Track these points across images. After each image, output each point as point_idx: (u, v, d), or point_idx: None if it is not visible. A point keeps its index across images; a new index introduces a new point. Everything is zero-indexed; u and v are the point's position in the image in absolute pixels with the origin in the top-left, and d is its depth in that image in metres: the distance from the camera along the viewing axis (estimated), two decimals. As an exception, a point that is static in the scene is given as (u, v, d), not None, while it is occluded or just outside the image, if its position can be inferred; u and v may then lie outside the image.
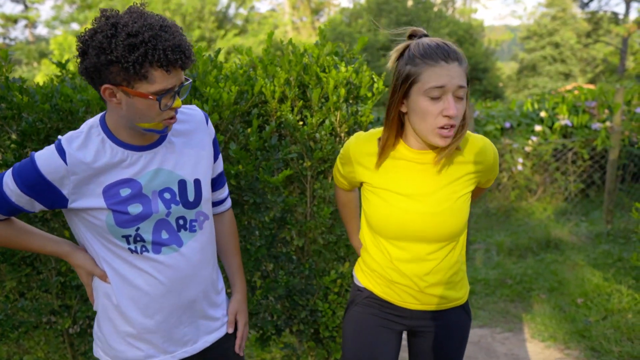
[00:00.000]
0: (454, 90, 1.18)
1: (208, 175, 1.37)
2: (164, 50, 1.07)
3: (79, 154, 1.17)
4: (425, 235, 1.31)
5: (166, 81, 1.11)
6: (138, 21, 1.08)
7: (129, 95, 1.12)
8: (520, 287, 3.98)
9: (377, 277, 1.43)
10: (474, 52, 21.61)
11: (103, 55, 1.06)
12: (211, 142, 1.40)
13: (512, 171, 6.34)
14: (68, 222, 1.30)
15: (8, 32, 29.38)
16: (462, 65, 1.20)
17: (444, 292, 1.38)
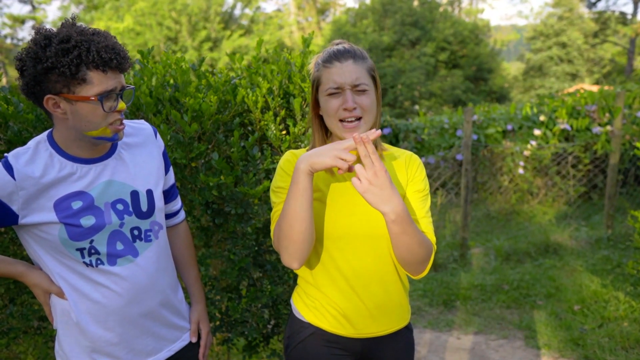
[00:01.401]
0: (351, 86, 1.25)
1: (160, 186, 1.39)
2: (97, 52, 1.11)
3: (27, 169, 1.18)
4: (361, 236, 1.31)
5: (105, 82, 1.14)
6: (69, 29, 1.13)
7: (72, 102, 1.14)
8: (517, 293, 3.95)
9: (323, 309, 1.37)
10: (479, 52, 21.53)
11: (39, 65, 1.10)
12: (161, 154, 1.42)
13: (513, 175, 6.31)
14: (21, 240, 1.30)
15: (16, 33, 29.61)
16: (357, 61, 1.27)
17: (384, 316, 1.36)
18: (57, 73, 1.10)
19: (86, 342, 1.31)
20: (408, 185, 1.36)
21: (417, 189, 1.35)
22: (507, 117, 6.61)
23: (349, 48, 1.29)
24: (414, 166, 1.37)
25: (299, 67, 1.82)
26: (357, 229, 1.30)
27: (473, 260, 4.83)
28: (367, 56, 1.31)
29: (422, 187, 1.36)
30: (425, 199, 1.37)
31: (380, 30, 21.92)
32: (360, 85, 1.26)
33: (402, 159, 1.38)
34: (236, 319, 2.07)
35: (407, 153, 1.40)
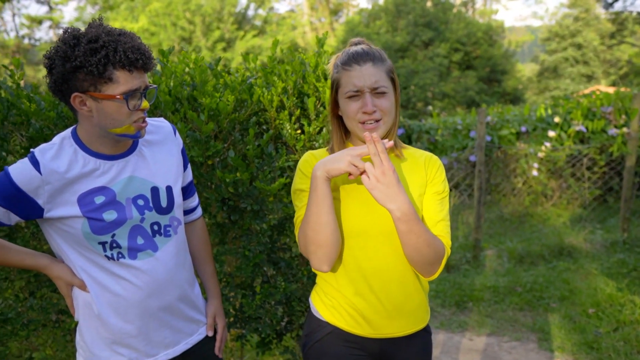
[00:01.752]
0: (370, 89, 1.27)
1: (179, 182, 1.43)
2: (124, 52, 1.15)
3: (53, 164, 1.22)
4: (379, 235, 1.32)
5: (131, 82, 1.18)
6: (97, 30, 1.16)
7: (98, 100, 1.18)
8: (530, 295, 3.93)
9: (341, 309, 1.38)
10: (493, 53, 21.38)
11: (68, 63, 1.14)
12: (180, 151, 1.45)
13: (527, 176, 6.26)
14: (45, 234, 1.33)
15: (33, 33, 30.09)
16: (376, 64, 1.28)
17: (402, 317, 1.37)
18: (84, 72, 1.14)
19: (106, 334, 1.34)
20: (427, 186, 1.36)
21: (436, 190, 1.35)
22: (521, 119, 6.57)
23: (368, 50, 1.30)
24: (433, 167, 1.37)
25: (313, 67, 1.84)
26: (376, 226, 1.31)
27: (486, 262, 4.81)
28: (386, 57, 1.32)
29: (442, 188, 1.36)
30: (444, 201, 1.37)
31: (394, 31, 21.88)
32: (379, 88, 1.27)
33: (421, 159, 1.39)
34: (250, 316, 2.09)
35: (427, 154, 1.41)
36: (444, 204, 1.36)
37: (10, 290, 2.20)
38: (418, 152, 1.41)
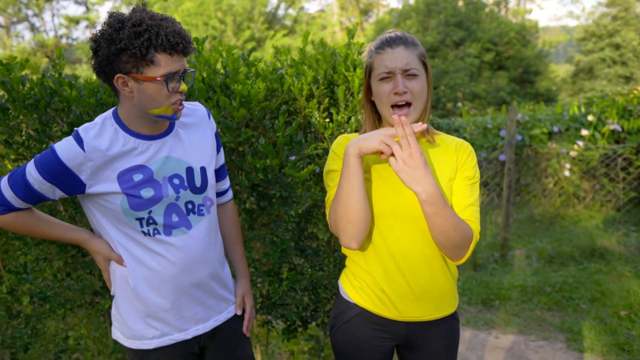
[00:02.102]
0: (402, 70, 1.29)
1: (212, 164, 1.48)
2: (166, 36, 1.20)
3: (95, 142, 1.28)
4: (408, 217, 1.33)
5: (171, 65, 1.23)
6: (141, 14, 1.22)
7: (139, 81, 1.23)
8: (559, 295, 3.86)
9: (369, 290, 1.41)
10: (526, 53, 20.95)
11: (113, 46, 1.19)
12: (213, 135, 1.51)
13: (559, 177, 6.13)
14: (85, 210, 1.40)
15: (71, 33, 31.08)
16: (408, 47, 1.31)
17: (430, 301, 1.38)
18: (128, 54, 1.19)
19: (141, 307, 1.40)
20: (457, 171, 1.37)
21: (467, 175, 1.37)
22: (553, 118, 6.43)
23: (400, 35, 1.33)
24: (465, 153, 1.38)
25: (343, 58, 1.87)
26: (405, 208, 1.33)
27: (514, 262, 4.74)
28: (419, 43, 1.34)
29: (472, 174, 1.37)
30: (474, 187, 1.38)
31: (424, 30, 21.67)
32: (410, 70, 1.29)
33: (452, 144, 1.40)
34: (276, 302, 2.13)
35: (458, 140, 1.42)
36: (473, 190, 1.37)
37: (49, 270, 2.30)
38: (449, 137, 1.43)
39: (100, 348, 2.60)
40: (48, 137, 2.01)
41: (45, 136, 2.00)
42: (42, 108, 1.95)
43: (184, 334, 1.45)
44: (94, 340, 2.55)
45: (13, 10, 29.22)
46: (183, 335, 1.45)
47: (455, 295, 1.45)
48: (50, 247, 2.28)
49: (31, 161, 1.30)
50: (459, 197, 1.36)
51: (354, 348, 1.45)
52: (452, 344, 1.47)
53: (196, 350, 1.52)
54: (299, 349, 2.85)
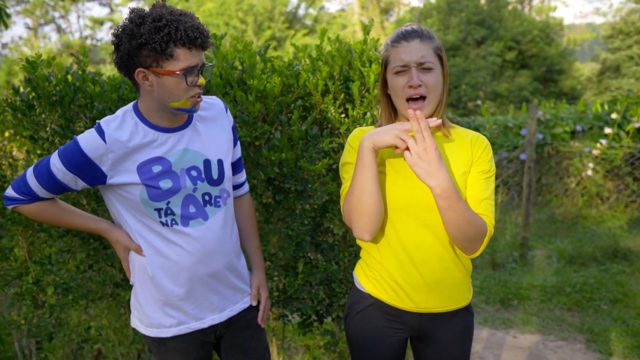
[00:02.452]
0: (417, 64, 1.29)
1: (229, 157, 1.51)
2: (185, 30, 1.23)
3: (116, 134, 1.32)
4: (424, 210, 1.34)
5: (190, 59, 1.26)
6: (161, 9, 1.25)
7: (159, 75, 1.27)
8: (579, 296, 3.80)
9: (383, 281, 1.42)
10: (550, 52, 20.58)
11: (134, 40, 1.23)
12: (230, 128, 1.54)
13: (581, 176, 6.03)
14: (105, 201, 1.44)
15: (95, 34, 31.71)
16: (424, 40, 1.31)
17: (443, 293, 1.39)
18: (148, 48, 1.23)
19: (159, 296, 1.44)
20: (473, 165, 1.37)
21: (482, 169, 1.36)
22: (576, 116, 6.32)
23: (416, 28, 1.33)
24: (480, 147, 1.38)
25: (359, 53, 1.88)
26: (418, 201, 1.34)
27: (534, 261, 4.68)
28: (435, 36, 1.34)
29: (487, 168, 1.37)
30: (489, 180, 1.38)
31: (445, 29, 21.48)
32: (425, 63, 1.29)
33: (468, 138, 1.40)
34: (291, 295, 2.16)
35: (474, 133, 1.42)
36: (489, 184, 1.37)
37: (72, 262, 2.37)
38: (465, 131, 1.43)
39: (120, 338, 2.67)
40: (72, 132, 2.08)
41: (69, 131, 2.07)
42: (66, 104, 2.01)
43: (201, 323, 1.49)
44: (115, 331, 2.61)
45: (41, 12, 29.96)
46: (200, 324, 1.49)
47: (469, 288, 1.46)
48: (74, 239, 2.34)
49: (55, 152, 1.34)
50: (473, 191, 1.36)
51: (366, 338, 1.47)
52: (466, 336, 1.47)
53: (212, 339, 1.55)
54: (314, 344, 2.87)
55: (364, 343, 1.47)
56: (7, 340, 3.07)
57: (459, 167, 1.36)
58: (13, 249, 2.67)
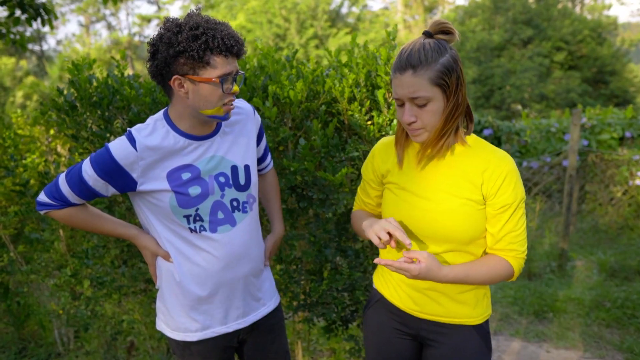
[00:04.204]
0: (408, 98, 1.22)
1: (255, 160, 1.55)
2: (221, 39, 1.25)
3: (147, 141, 1.35)
4: (424, 234, 1.33)
5: (226, 66, 1.29)
6: (197, 18, 1.28)
7: (195, 82, 1.29)
8: (620, 312, 3.63)
9: (387, 278, 1.46)
10: (601, 52, 19.72)
11: (171, 49, 1.26)
12: (257, 130, 1.56)
13: (629, 185, 5.75)
14: (135, 207, 1.48)
15: (143, 31, 32.72)
16: (418, 72, 1.19)
17: (447, 303, 1.37)
18: (186, 56, 1.26)
19: (185, 301, 1.47)
20: (490, 200, 1.28)
21: (504, 203, 1.26)
22: (625, 122, 6.03)
23: (411, 57, 1.20)
24: (497, 178, 1.26)
25: (384, 60, 1.87)
26: (417, 226, 1.34)
27: (573, 273, 4.51)
28: (436, 59, 1.19)
29: (511, 199, 1.26)
30: (517, 212, 1.28)
31: (490, 28, 20.94)
32: (417, 99, 1.21)
33: (481, 161, 1.28)
34: (317, 300, 2.17)
35: (494, 159, 1.28)
36: (515, 215, 1.28)
37: (107, 257, 2.46)
38: (485, 150, 1.30)
39: (151, 333, 2.75)
40: (110, 132, 2.16)
41: (107, 131, 2.15)
42: (105, 106, 2.09)
43: (226, 328, 1.52)
44: (146, 325, 2.70)
45: (93, 10, 31.15)
46: (225, 328, 1.52)
47: (482, 306, 1.41)
48: (108, 236, 2.43)
49: (87, 159, 1.38)
50: (494, 228, 1.30)
51: (373, 333, 1.51)
52: (467, 356, 1.39)
53: (234, 343, 1.58)
54: (340, 347, 2.87)
55: (371, 338, 1.52)
56: (48, 327, 3.22)
57: (462, 193, 1.28)
58: (54, 242, 2.80)
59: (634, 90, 21.84)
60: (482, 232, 1.31)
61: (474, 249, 1.34)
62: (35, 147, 3.06)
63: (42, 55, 28.60)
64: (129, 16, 44.71)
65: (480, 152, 1.30)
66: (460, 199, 1.29)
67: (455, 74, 1.21)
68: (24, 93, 21.73)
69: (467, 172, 1.29)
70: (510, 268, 1.30)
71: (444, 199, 1.30)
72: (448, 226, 1.29)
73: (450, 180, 1.30)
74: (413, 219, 1.33)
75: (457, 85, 1.22)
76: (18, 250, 3.01)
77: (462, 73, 1.23)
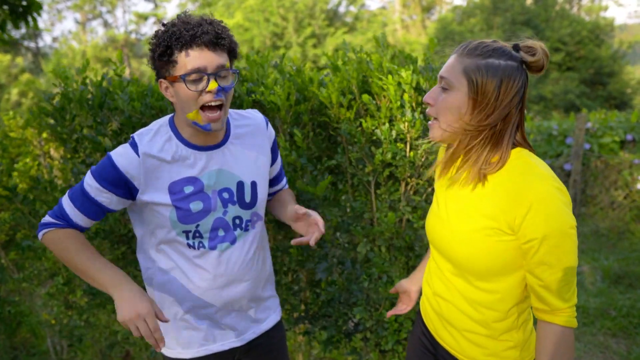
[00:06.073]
0: (439, 77, 1.14)
1: (265, 177, 1.43)
2: (186, 32, 1.15)
3: (148, 148, 1.27)
4: (444, 254, 1.24)
5: (194, 61, 1.17)
6: (176, 19, 1.21)
7: (171, 83, 1.22)
8: (626, 320, 3.57)
9: (424, 298, 1.40)
10: (599, 54, 19.73)
11: (151, 53, 1.21)
12: (270, 146, 1.45)
13: (630, 189, 5.70)
14: (132, 220, 1.39)
15: (139, 29, 32.57)
16: (459, 56, 1.10)
17: (456, 336, 1.24)
18: (158, 57, 1.20)
19: (179, 318, 1.41)
20: (518, 234, 1.07)
21: (531, 237, 1.04)
22: (627, 126, 5.98)
23: (471, 42, 1.12)
24: (520, 206, 1.05)
25: (376, 66, 1.81)
26: (439, 245, 1.25)
27: (576, 279, 4.44)
28: (486, 56, 1.07)
29: (543, 233, 1.03)
30: (555, 250, 1.04)
31: (489, 29, 20.89)
32: (443, 80, 1.12)
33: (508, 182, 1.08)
34: (317, 312, 2.09)
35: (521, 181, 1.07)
36: (552, 252, 1.04)
37: (101, 266, 2.38)
38: (518, 175, 1.09)
39: (147, 343, 2.66)
40: (102, 135, 2.06)
41: (100, 134, 2.06)
42: (96, 107, 2.01)
43: (221, 345, 1.44)
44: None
45: (89, 7, 30.96)
46: (219, 346, 1.44)
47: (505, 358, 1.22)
48: (103, 242, 2.35)
49: (88, 172, 1.31)
50: (532, 278, 1.08)
51: (410, 345, 1.49)
52: None
53: None
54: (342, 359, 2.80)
55: (409, 349, 1.48)
56: (41, 335, 3.13)
57: (480, 220, 1.11)
58: (45, 249, 2.71)
59: (631, 92, 21.87)
60: (504, 268, 1.11)
61: (483, 284, 1.15)
62: (27, 150, 2.97)
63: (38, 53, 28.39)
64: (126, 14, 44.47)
65: (511, 173, 1.10)
66: (476, 225, 1.12)
67: (495, 84, 1.05)
68: (19, 90, 21.56)
69: (489, 193, 1.12)
70: (563, 330, 1.07)
71: (461, 221, 1.16)
72: (459, 252, 1.16)
73: (472, 201, 1.15)
74: (435, 236, 1.26)
75: (495, 98, 1.06)
76: (9, 258, 2.91)
77: (508, 94, 1.06)
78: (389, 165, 1.91)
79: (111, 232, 2.25)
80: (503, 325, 1.18)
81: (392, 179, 1.97)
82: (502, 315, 1.16)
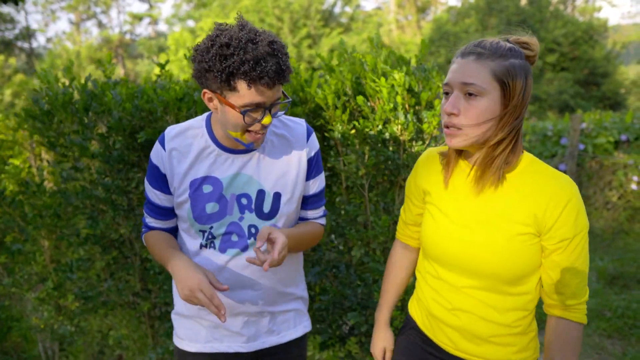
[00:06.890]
0: (459, 87, 1.06)
1: (294, 192, 1.34)
2: (253, 63, 1.08)
3: (174, 143, 1.29)
4: (464, 267, 1.16)
5: (255, 96, 1.12)
6: (232, 32, 1.12)
7: (222, 103, 1.18)
8: (620, 321, 3.57)
9: (421, 306, 1.32)
10: (593, 55, 19.83)
11: (200, 64, 1.14)
12: (307, 159, 1.36)
13: (624, 190, 5.72)
14: None
15: (134, 29, 32.50)
16: (481, 59, 1.04)
17: (481, 344, 1.20)
18: (213, 75, 1.12)
19: (187, 312, 1.44)
20: (547, 234, 1.09)
21: (562, 237, 1.07)
22: (621, 126, 5.99)
23: (480, 44, 1.07)
24: (555, 208, 1.06)
25: (371, 67, 1.79)
26: (457, 258, 1.18)
27: (571, 280, 4.44)
28: (508, 57, 1.05)
29: (572, 233, 1.06)
30: (575, 250, 1.08)
31: (483, 30, 20.95)
32: (470, 86, 1.04)
33: (536, 186, 1.09)
34: (311, 317, 2.07)
35: (552, 185, 1.08)
36: (575, 251, 1.08)
37: (92, 270, 2.35)
38: (545, 177, 1.11)
39: (140, 347, 2.63)
40: (89, 139, 2.03)
41: (86, 139, 2.03)
42: (82, 110, 1.99)
43: (226, 347, 1.43)
44: (134, 340, 2.58)
45: (83, 7, 30.83)
46: (225, 347, 1.43)
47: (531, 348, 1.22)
48: (94, 247, 2.32)
49: None
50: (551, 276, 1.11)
51: (402, 354, 1.39)
52: None
53: None
54: (336, 362, 2.78)
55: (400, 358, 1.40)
56: (32, 339, 3.10)
57: (511, 226, 1.10)
58: (35, 253, 2.68)
59: (624, 92, 21.98)
60: (531, 270, 1.13)
61: (515, 289, 1.15)
62: (18, 152, 2.93)
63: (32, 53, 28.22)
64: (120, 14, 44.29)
65: (536, 177, 1.11)
66: (508, 233, 1.10)
67: (522, 84, 1.05)
68: (12, 91, 21.42)
69: (518, 199, 1.10)
70: (576, 326, 1.12)
71: (490, 231, 1.11)
72: (492, 262, 1.11)
73: (499, 208, 1.12)
74: (452, 251, 1.17)
75: (523, 98, 1.06)
76: (-1, 261, 2.87)
77: (529, 92, 1.08)
78: (383, 168, 1.89)
79: (102, 237, 2.22)
80: (529, 320, 1.20)
81: (385, 182, 1.95)
82: (529, 312, 1.19)
